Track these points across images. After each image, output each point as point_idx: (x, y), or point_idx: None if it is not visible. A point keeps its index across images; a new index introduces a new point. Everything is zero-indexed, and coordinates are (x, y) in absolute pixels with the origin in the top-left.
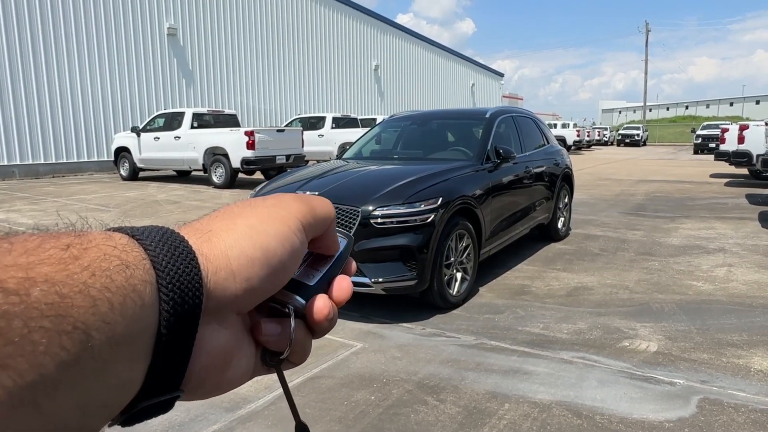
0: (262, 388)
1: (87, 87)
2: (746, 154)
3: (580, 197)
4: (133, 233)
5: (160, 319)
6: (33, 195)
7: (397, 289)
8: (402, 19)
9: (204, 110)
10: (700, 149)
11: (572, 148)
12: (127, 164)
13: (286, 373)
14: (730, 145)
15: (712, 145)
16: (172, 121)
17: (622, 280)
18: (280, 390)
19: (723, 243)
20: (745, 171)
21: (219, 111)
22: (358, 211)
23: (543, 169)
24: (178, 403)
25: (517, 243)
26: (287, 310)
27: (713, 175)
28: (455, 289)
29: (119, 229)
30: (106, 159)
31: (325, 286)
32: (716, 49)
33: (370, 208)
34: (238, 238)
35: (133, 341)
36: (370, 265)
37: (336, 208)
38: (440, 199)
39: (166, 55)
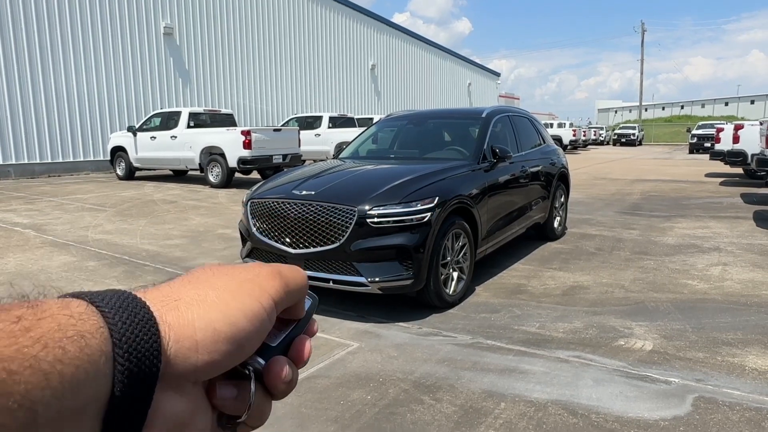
0: None
1: (83, 86)
2: (741, 154)
3: (576, 196)
4: (92, 299)
5: (114, 387)
6: (29, 195)
7: (394, 288)
8: (398, 19)
9: (200, 110)
10: (695, 149)
11: (568, 147)
12: (123, 164)
13: None
14: (725, 144)
15: (708, 144)
16: (169, 121)
17: (617, 279)
18: None
19: (718, 242)
20: (740, 170)
21: (215, 110)
22: (355, 211)
23: (539, 168)
24: None
25: (513, 242)
26: (247, 371)
27: (708, 175)
28: (451, 288)
29: (78, 295)
30: (102, 158)
31: (287, 347)
32: (711, 49)
33: (367, 207)
34: (208, 310)
35: (84, 410)
36: (366, 264)
37: (332, 207)
38: (436, 198)
39: (162, 54)
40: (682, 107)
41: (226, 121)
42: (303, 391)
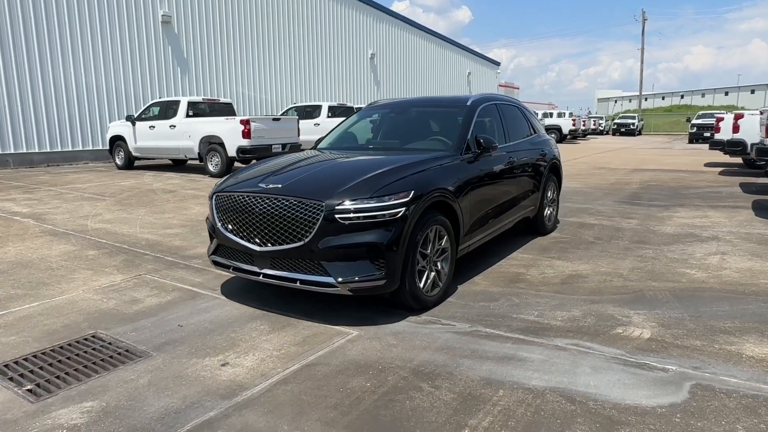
0: (258, 375)
1: (81, 75)
2: (741, 143)
3: (575, 186)
4: None
5: None
6: (28, 184)
7: (365, 289)
8: (398, 7)
9: (199, 99)
10: (695, 138)
11: (568, 137)
12: (122, 153)
13: (282, 360)
14: (724, 134)
15: (707, 134)
16: (168, 110)
17: (616, 268)
18: (277, 377)
19: (717, 231)
20: (739, 160)
21: (214, 99)
22: (322, 206)
23: (528, 159)
24: (174, 390)
25: (511, 232)
26: None
27: (708, 165)
28: (429, 288)
29: None
30: (101, 148)
31: None
32: (712, 38)
33: (335, 202)
34: None
35: None
36: (335, 263)
37: (298, 202)
38: (412, 192)
39: (160, 43)
40: (682, 97)
41: (225, 110)
42: (303, 379)
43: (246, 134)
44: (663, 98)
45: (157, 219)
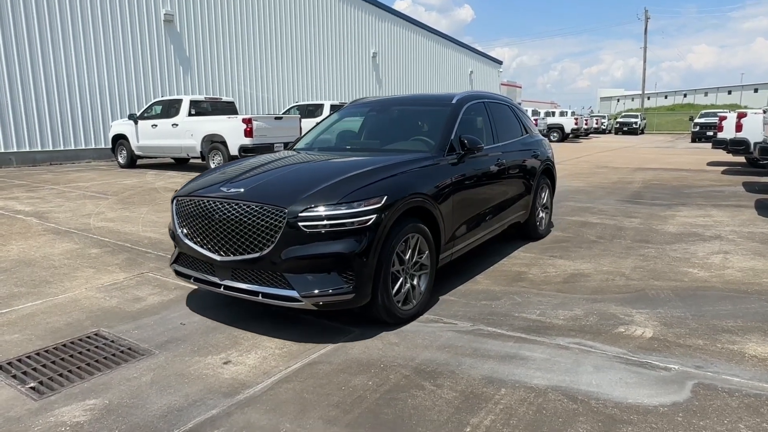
0: (261, 374)
1: (84, 74)
2: (744, 142)
3: (577, 185)
4: None
5: None
6: (30, 183)
7: (332, 304)
8: (400, 6)
9: (201, 97)
10: (697, 137)
11: (570, 136)
12: (124, 152)
13: (284, 358)
14: (727, 133)
15: (710, 133)
16: (170, 109)
17: (618, 267)
18: (280, 375)
19: (719, 230)
20: (742, 159)
21: (217, 98)
22: (285, 212)
23: (519, 161)
24: (176, 388)
25: (509, 233)
26: None
27: (710, 164)
28: (405, 301)
29: None
30: (103, 146)
31: None
32: (715, 36)
33: (299, 208)
34: None
35: None
36: (299, 276)
37: (260, 208)
38: (385, 197)
39: (163, 42)
40: (685, 96)
41: (227, 109)
42: (305, 377)
43: (248, 133)
44: (666, 97)
45: (159, 217)
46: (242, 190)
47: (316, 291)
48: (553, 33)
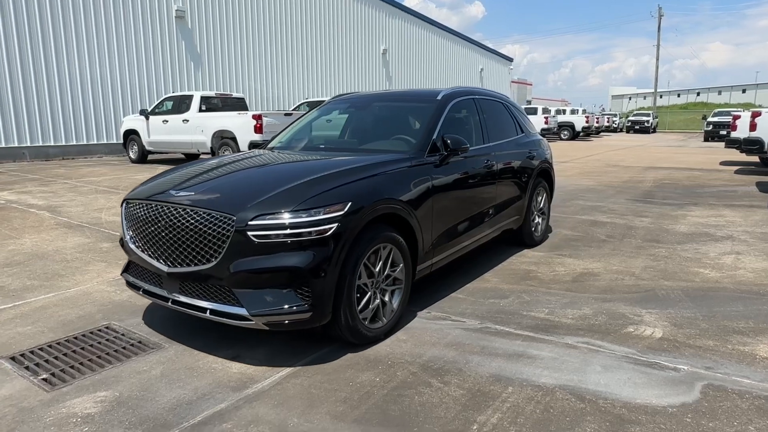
0: (269, 369)
1: (96, 70)
2: (758, 142)
3: (587, 184)
4: None
5: None
6: (43, 177)
7: (287, 324)
8: (410, 2)
9: (212, 93)
10: (710, 136)
11: (581, 134)
12: (135, 147)
13: (292, 354)
14: (741, 132)
15: (723, 132)
16: (181, 105)
17: (628, 267)
18: (288, 370)
19: (731, 231)
20: (756, 159)
21: (227, 94)
22: (233, 220)
23: (513, 162)
24: (185, 382)
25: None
26: None
27: (723, 163)
28: (374, 319)
29: None
30: (115, 142)
31: None
32: (730, 34)
33: (249, 215)
34: None
35: None
36: (249, 291)
37: (206, 214)
38: (349, 204)
39: (174, 38)
40: (698, 94)
41: (237, 105)
42: (312, 373)
43: (258, 129)
44: (678, 95)
45: None
46: (192, 194)
47: (268, 309)
48: (564, 30)
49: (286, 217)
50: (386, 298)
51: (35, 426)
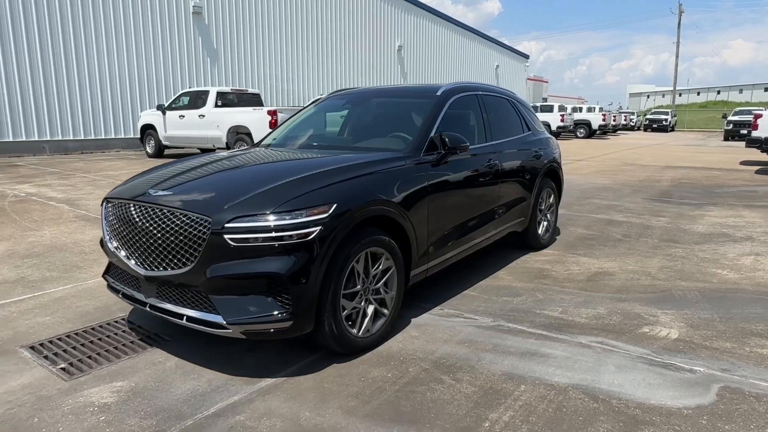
0: (282, 362)
1: (114, 65)
2: None
3: (604, 182)
4: None
5: None
6: (62, 170)
7: (265, 333)
8: None
9: (228, 89)
10: (731, 136)
11: (598, 132)
12: (152, 142)
13: (306, 348)
14: (762, 131)
15: (744, 131)
16: (197, 100)
17: (644, 267)
18: (300, 363)
19: (751, 231)
20: None
21: (243, 90)
22: (209, 222)
23: (517, 162)
24: (200, 374)
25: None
26: None
27: (743, 163)
28: (363, 327)
29: None
30: (132, 136)
31: None
32: (753, 31)
33: (226, 217)
34: None
35: None
36: (226, 298)
37: (182, 215)
38: (334, 205)
39: (191, 33)
40: (719, 92)
41: (252, 100)
42: (325, 367)
43: (273, 125)
44: (698, 94)
45: None
46: (170, 194)
47: (246, 317)
48: (582, 27)
49: (265, 220)
50: (377, 306)
51: (53, 414)
